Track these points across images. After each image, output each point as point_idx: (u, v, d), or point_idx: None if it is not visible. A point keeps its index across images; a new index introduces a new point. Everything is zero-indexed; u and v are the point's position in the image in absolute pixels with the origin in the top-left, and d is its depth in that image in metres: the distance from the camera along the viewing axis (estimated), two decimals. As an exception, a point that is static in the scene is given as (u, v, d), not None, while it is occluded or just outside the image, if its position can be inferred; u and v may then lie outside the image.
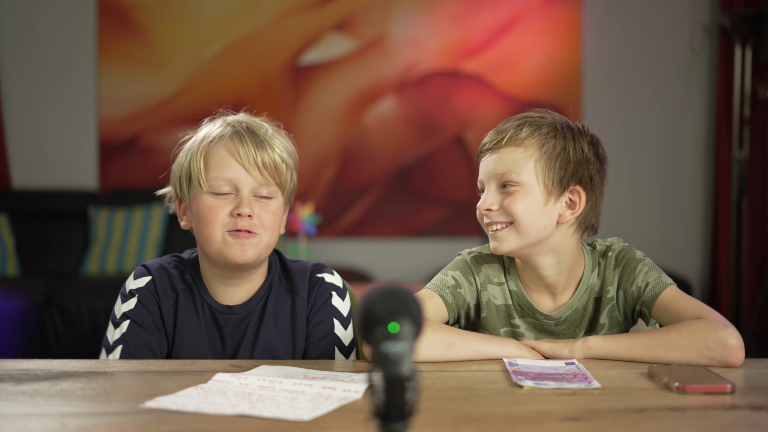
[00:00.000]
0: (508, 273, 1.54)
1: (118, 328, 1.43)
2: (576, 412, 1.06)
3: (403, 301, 0.79)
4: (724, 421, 1.03)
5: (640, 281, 1.47)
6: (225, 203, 1.40)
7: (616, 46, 4.77)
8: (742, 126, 4.40)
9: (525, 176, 1.45)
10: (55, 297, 3.83)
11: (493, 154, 1.48)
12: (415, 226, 4.74)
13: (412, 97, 4.73)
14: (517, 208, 1.44)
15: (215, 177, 1.40)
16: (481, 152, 1.51)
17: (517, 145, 1.46)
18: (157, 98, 4.68)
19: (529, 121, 1.49)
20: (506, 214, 1.45)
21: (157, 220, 4.35)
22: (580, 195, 1.47)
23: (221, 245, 1.39)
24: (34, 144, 4.68)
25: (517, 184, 1.45)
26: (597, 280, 1.51)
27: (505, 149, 1.47)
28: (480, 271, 1.53)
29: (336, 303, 1.49)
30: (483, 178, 1.49)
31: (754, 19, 4.22)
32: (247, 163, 1.39)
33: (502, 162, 1.46)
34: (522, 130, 1.47)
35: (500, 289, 1.53)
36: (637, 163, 4.78)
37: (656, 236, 4.79)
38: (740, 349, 1.31)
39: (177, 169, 1.47)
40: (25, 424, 1.00)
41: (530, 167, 1.45)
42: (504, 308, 1.52)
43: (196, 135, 1.47)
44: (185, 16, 4.69)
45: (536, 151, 1.46)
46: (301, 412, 1.04)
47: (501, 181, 1.46)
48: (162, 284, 1.46)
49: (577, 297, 1.50)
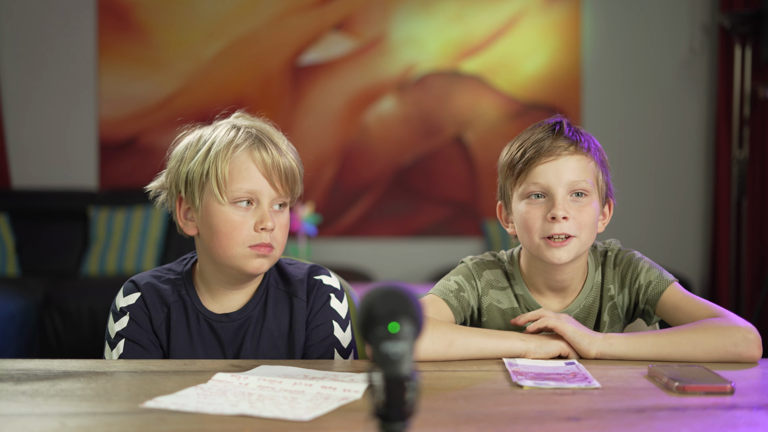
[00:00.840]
0: (512, 278, 1.53)
1: (114, 349, 1.42)
2: (576, 412, 1.06)
3: (403, 301, 0.79)
4: (724, 421, 1.03)
5: (642, 279, 1.47)
6: (247, 217, 1.37)
7: (616, 46, 4.77)
8: (742, 126, 4.40)
9: (593, 187, 1.44)
10: (55, 297, 3.83)
11: (559, 158, 1.42)
12: (415, 226, 4.74)
13: (411, 97, 4.73)
14: (590, 220, 1.42)
15: (238, 188, 1.36)
16: (533, 157, 1.43)
17: (584, 154, 1.43)
18: (157, 98, 4.68)
19: (577, 128, 1.47)
20: (576, 225, 1.41)
21: (157, 220, 4.35)
22: (610, 206, 1.50)
23: (240, 258, 1.37)
24: (34, 144, 4.68)
25: (589, 194, 1.43)
26: (600, 278, 1.52)
27: (576, 156, 1.42)
28: (481, 276, 1.52)
29: (334, 305, 1.48)
30: (548, 184, 1.42)
31: (753, 19, 4.22)
32: (273, 174, 1.37)
33: (575, 169, 1.42)
34: (581, 135, 1.45)
35: (504, 294, 1.52)
36: (636, 163, 4.78)
37: (656, 236, 4.79)
38: (760, 342, 1.34)
39: (185, 172, 1.40)
40: (25, 424, 1.00)
41: (595, 177, 1.44)
42: (511, 312, 1.52)
43: (202, 138, 1.41)
44: (185, 16, 4.69)
45: (595, 161, 1.45)
46: (301, 411, 1.04)
47: (573, 189, 1.42)
48: (151, 300, 1.43)
49: (584, 295, 1.51)
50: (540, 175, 1.42)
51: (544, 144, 1.43)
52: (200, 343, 1.43)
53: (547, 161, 1.42)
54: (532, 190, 1.43)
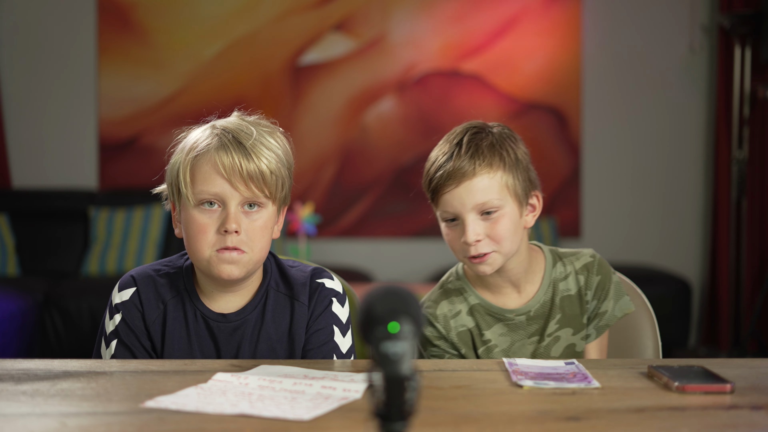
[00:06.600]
0: (464, 292, 1.55)
1: (108, 348, 1.42)
2: (576, 411, 1.06)
3: (403, 300, 0.79)
4: (724, 421, 1.03)
5: (606, 305, 1.55)
6: (212, 220, 1.35)
7: (616, 46, 4.77)
8: (742, 126, 4.40)
9: (503, 198, 1.45)
10: (55, 297, 3.83)
11: (460, 185, 1.45)
12: (414, 226, 4.75)
13: (411, 97, 4.73)
14: (505, 232, 1.45)
15: (201, 191, 1.35)
16: (440, 185, 1.46)
17: (486, 170, 1.45)
18: (157, 98, 4.68)
19: (479, 138, 1.47)
20: (492, 241, 1.45)
21: (157, 220, 4.35)
22: (538, 197, 1.52)
23: (208, 262, 1.36)
24: (34, 144, 4.68)
25: (499, 208, 1.45)
26: (558, 275, 1.55)
27: (476, 178, 1.44)
28: (437, 317, 1.54)
29: (336, 309, 1.46)
30: (456, 211, 1.46)
31: (753, 19, 4.22)
32: (233, 177, 1.34)
33: (479, 191, 1.44)
34: (480, 151, 1.45)
35: (463, 315, 1.54)
36: (636, 162, 4.78)
37: (656, 236, 4.79)
38: None
39: (168, 175, 1.42)
40: (25, 423, 1.00)
41: (503, 187, 1.46)
42: (476, 328, 1.54)
43: (185, 141, 1.41)
44: (185, 16, 4.69)
45: (502, 169, 1.45)
46: (300, 411, 1.04)
47: (481, 210, 1.45)
48: (147, 296, 1.42)
49: (543, 290, 1.53)
50: (447, 203, 1.47)
51: (446, 169, 1.45)
52: (197, 341, 1.42)
53: (450, 190, 1.45)
54: (445, 216, 1.49)
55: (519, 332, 1.53)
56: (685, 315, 4.23)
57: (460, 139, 1.48)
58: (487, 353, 1.53)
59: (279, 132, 1.43)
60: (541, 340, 1.53)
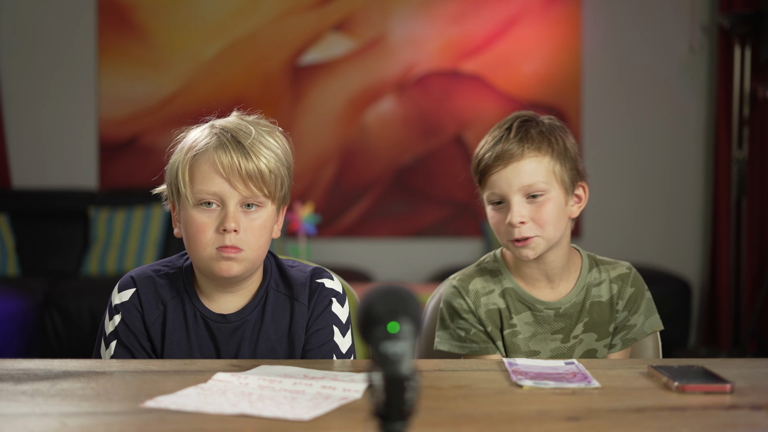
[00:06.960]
0: (499, 274, 1.57)
1: (107, 349, 1.42)
2: (576, 411, 1.06)
3: (402, 300, 0.79)
4: (724, 421, 1.03)
5: (636, 320, 1.56)
6: (211, 219, 1.35)
7: (616, 46, 4.77)
8: (742, 126, 4.40)
9: (549, 183, 1.47)
10: (55, 297, 3.83)
11: (508, 166, 1.47)
12: (414, 226, 4.74)
13: (411, 97, 4.73)
14: (549, 217, 1.47)
15: (200, 191, 1.35)
16: (488, 166, 1.49)
17: (534, 154, 1.47)
18: (156, 98, 4.68)
19: (528, 125, 1.50)
20: (537, 225, 1.47)
21: (157, 220, 4.35)
22: (585, 189, 1.54)
23: (208, 261, 1.36)
24: (34, 144, 4.68)
25: (545, 192, 1.47)
26: (592, 280, 1.56)
27: (524, 161, 1.47)
28: (468, 290, 1.56)
29: (336, 309, 1.46)
30: (502, 193, 1.48)
31: (753, 19, 4.22)
32: (232, 177, 1.34)
33: (526, 173, 1.47)
34: (529, 135, 1.48)
35: (495, 295, 1.55)
36: (636, 162, 4.78)
37: (656, 236, 4.79)
38: None
39: (167, 175, 1.42)
40: (25, 423, 1.00)
41: (550, 172, 1.48)
42: (506, 310, 1.54)
43: (184, 141, 1.41)
44: (185, 16, 4.69)
45: (549, 155, 1.48)
46: (300, 411, 1.04)
47: (528, 192, 1.47)
48: (146, 297, 1.42)
49: (575, 291, 1.54)
50: (494, 185, 1.49)
51: (496, 151, 1.48)
52: (197, 342, 1.42)
53: (498, 170, 1.48)
54: (492, 199, 1.50)
55: (544, 326, 1.54)
56: (685, 315, 4.23)
57: (510, 125, 1.51)
58: (511, 336, 1.54)
59: (278, 131, 1.43)
60: (565, 340, 1.54)
